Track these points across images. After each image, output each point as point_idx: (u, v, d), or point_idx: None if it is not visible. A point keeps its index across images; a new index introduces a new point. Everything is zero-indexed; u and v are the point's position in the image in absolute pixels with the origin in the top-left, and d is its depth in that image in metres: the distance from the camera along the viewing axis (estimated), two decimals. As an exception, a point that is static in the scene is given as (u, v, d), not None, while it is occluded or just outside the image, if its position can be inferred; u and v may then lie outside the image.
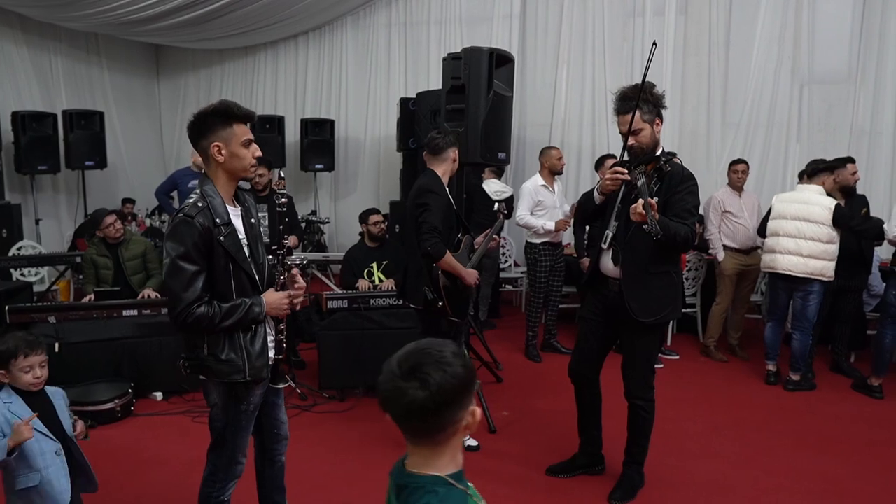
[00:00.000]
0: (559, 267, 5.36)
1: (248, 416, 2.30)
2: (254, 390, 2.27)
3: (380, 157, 8.22)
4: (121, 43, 8.19)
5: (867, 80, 6.50)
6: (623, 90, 2.99)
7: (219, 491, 2.37)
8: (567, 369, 3.36)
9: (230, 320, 2.14)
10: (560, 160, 5.25)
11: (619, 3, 7.15)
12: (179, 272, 2.08)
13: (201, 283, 2.11)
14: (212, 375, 2.22)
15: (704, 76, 6.96)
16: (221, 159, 2.19)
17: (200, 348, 2.20)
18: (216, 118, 2.17)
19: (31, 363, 2.33)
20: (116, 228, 4.83)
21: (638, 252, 2.89)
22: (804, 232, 4.54)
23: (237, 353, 2.19)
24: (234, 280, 2.19)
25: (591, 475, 3.39)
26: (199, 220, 2.10)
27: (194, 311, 2.09)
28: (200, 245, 2.10)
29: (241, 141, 2.19)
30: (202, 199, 2.16)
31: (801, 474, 3.43)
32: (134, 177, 8.36)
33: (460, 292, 3.40)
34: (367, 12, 8.09)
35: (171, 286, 2.11)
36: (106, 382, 4.14)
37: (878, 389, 4.54)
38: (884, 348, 4.54)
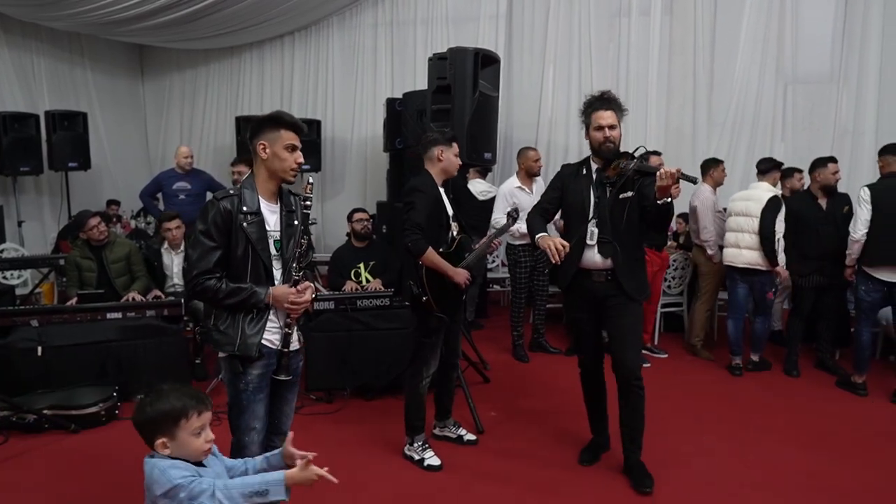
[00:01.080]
0: (541, 267, 5.37)
1: (248, 396, 2.44)
2: (250, 368, 2.42)
3: (366, 157, 8.20)
4: (104, 43, 8.12)
5: (850, 81, 6.57)
6: (601, 93, 3.25)
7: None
8: (566, 367, 3.43)
9: (232, 299, 2.36)
10: (537, 162, 5.25)
11: (604, 4, 7.18)
12: (198, 245, 2.36)
13: (215, 258, 2.35)
14: (211, 344, 2.50)
15: (690, 76, 7.01)
16: (265, 157, 2.41)
17: (210, 318, 2.47)
18: (268, 122, 2.42)
19: (203, 422, 1.86)
20: (100, 230, 4.79)
21: (626, 242, 3.16)
22: (743, 226, 4.90)
23: (234, 329, 2.40)
24: (252, 266, 2.40)
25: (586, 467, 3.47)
26: (224, 204, 2.36)
27: (202, 282, 2.34)
28: (220, 224, 2.35)
29: (284, 144, 2.40)
30: (237, 189, 2.44)
31: (787, 470, 3.46)
32: (119, 178, 8.29)
33: (448, 290, 3.38)
34: (353, 12, 8.07)
35: (189, 255, 2.40)
36: (90, 386, 4.10)
37: (862, 386, 4.58)
38: (862, 346, 4.60)
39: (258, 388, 2.45)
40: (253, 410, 2.46)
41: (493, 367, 5.07)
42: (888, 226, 4.36)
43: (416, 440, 3.53)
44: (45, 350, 4.11)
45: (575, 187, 3.27)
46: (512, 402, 4.42)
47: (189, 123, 8.91)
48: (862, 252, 4.49)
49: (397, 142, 6.49)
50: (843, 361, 5.18)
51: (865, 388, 4.58)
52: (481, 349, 5.12)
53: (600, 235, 3.15)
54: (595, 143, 3.18)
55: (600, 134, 3.15)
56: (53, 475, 3.39)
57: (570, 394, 4.54)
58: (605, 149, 3.15)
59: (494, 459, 3.57)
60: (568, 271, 3.27)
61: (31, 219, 7.21)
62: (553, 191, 3.38)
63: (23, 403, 3.84)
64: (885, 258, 4.42)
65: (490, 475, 3.41)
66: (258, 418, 2.47)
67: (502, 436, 3.89)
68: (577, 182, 3.28)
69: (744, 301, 5.06)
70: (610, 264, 3.17)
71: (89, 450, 3.66)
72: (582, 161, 3.36)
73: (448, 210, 3.48)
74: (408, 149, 6.08)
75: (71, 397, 3.96)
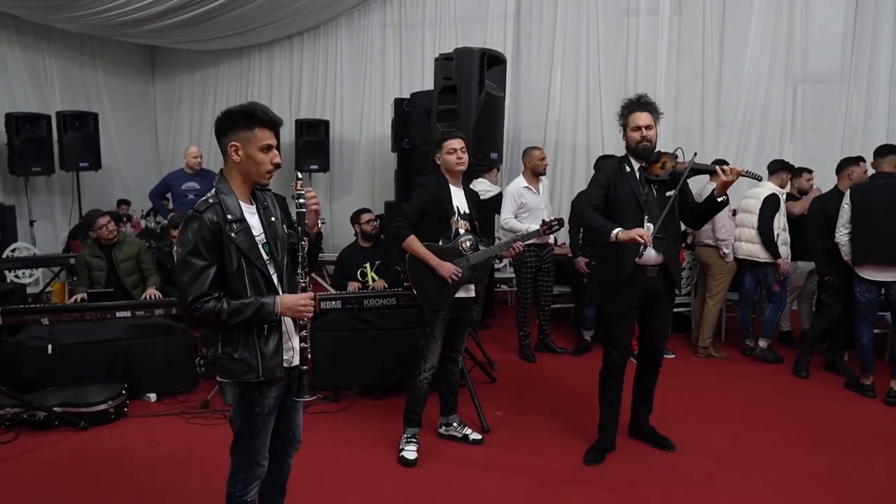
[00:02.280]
0: (546, 267, 5.36)
1: (263, 418, 2.27)
2: (268, 392, 2.24)
3: (374, 157, 8.23)
4: (115, 44, 8.19)
5: (860, 80, 6.53)
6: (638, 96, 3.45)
7: (241, 491, 2.35)
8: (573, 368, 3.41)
9: (239, 318, 2.11)
10: (543, 160, 5.25)
11: (613, 4, 7.16)
12: (188, 267, 2.08)
13: (210, 278, 2.09)
14: (226, 374, 2.22)
15: (699, 76, 6.98)
16: (237, 160, 2.18)
17: (216, 345, 2.21)
18: (239, 119, 2.16)
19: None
20: (109, 230, 4.83)
21: (672, 238, 3.40)
22: (744, 221, 5.30)
23: (251, 353, 2.18)
24: (249, 278, 2.17)
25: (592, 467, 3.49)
26: (208, 216, 2.10)
27: (200, 307, 2.08)
28: (209, 240, 2.09)
29: (259, 145, 2.16)
30: (215, 196, 2.16)
31: (791, 471, 3.44)
32: (129, 178, 8.36)
33: (433, 282, 3.43)
34: (361, 13, 8.10)
35: (180, 281, 2.10)
36: (99, 384, 4.13)
37: (871, 388, 4.55)
38: (863, 346, 4.58)
39: (273, 409, 2.30)
40: (267, 431, 2.32)
41: (500, 366, 5.08)
42: (873, 226, 4.37)
43: (408, 431, 3.61)
44: (55, 348, 4.15)
45: (623, 185, 3.36)
46: (518, 402, 4.42)
47: (199, 124, 8.97)
48: (852, 252, 4.51)
49: (405, 142, 6.52)
50: (851, 363, 5.15)
51: (873, 390, 4.55)
52: (487, 349, 5.12)
53: (655, 232, 3.27)
54: (632, 143, 3.38)
55: (637, 134, 3.35)
56: (63, 472, 3.43)
57: (576, 394, 4.57)
58: (642, 148, 3.35)
59: (500, 459, 3.57)
60: (625, 267, 3.32)
61: (43, 218, 7.28)
62: (600, 188, 3.40)
63: (33, 401, 3.88)
64: (870, 258, 4.42)
65: (495, 473, 3.42)
66: (269, 435, 2.34)
67: (508, 435, 3.89)
68: (623, 179, 3.37)
69: (750, 290, 5.42)
70: (662, 260, 3.37)
71: (98, 447, 3.70)
72: (620, 159, 3.47)
73: (455, 207, 3.52)
74: (416, 149, 6.11)
75: (80, 395, 4.00)
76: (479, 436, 3.78)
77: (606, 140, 7.15)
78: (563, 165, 7.41)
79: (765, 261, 5.17)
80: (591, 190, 3.47)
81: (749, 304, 5.51)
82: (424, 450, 3.60)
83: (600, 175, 3.45)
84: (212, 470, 3.43)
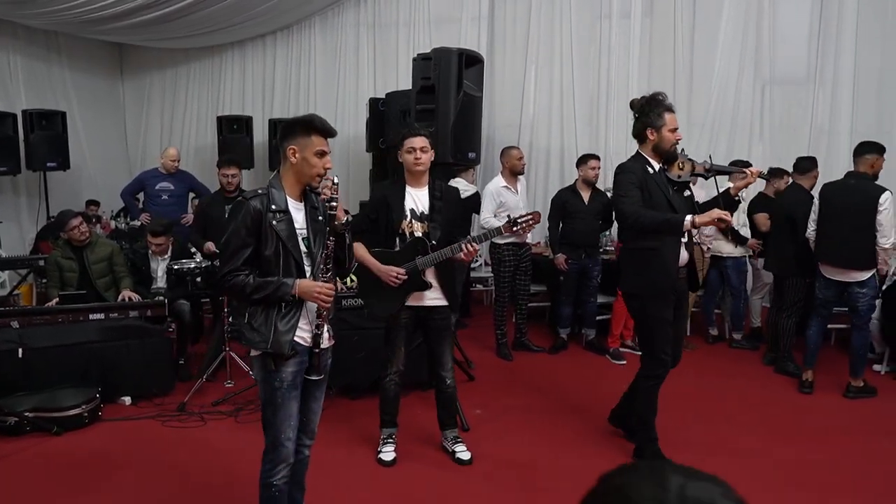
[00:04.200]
0: (524, 266, 5.41)
1: (283, 394, 2.45)
2: (283, 366, 2.43)
3: (349, 157, 8.18)
4: (82, 41, 8.02)
5: (825, 81, 6.68)
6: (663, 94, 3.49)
7: (269, 472, 2.50)
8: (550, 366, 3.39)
9: (260, 293, 2.38)
10: (521, 160, 5.30)
11: (586, 6, 7.23)
12: (228, 244, 2.42)
13: (245, 256, 2.39)
14: (243, 342, 2.50)
15: (670, 77, 7.08)
16: (294, 161, 2.45)
17: (243, 316, 2.49)
18: (300, 126, 2.47)
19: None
20: (82, 231, 4.74)
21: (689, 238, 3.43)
22: None
23: (266, 326, 2.41)
24: (283, 263, 2.43)
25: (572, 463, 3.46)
26: (254, 204, 2.40)
27: (231, 278, 2.39)
28: (250, 224, 2.38)
29: (314, 150, 2.44)
30: (265, 188, 2.48)
31: (762, 461, 3.53)
32: (98, 178, 8.18)
33: (385, 289, 3.31)
34: (335, 12, 8.05)
35: (221, 254, 2.51)
36: (72, 388, 4.06)
37: (807, 384, 4.60)
38: (809, 340, 4.68)
39: (292, 385, 2.47)
40: (288, 408, 2.47)
41: (478, 365, 5.10)
42: (835, 226, 4.43)
43: (383, 432, 3.60)
44: (25, 352, 4.06)
45: (652, 186, 3.31)
46: (497, 401, 4.45)
47: (170, 123, 8.83)
48: (815, 249, 4.62)
49: (380, 142, 6.51)
50: (820, 358, 5.28)
51: (810, 386, 4.61)
52: (465, 348, 5.14)
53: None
54: (668, 144, 3.37)
55: (674, 135, 3.37)
56: (35, 478, 3.36)
57: (555, 392, 4.62)
58: (674, 149, 3.40)
59: (481, 457, 3.58)
60: (672, 272, 3.34)
61: (9, 220, 7.09)
62: (637, 189, 3.29)
63: (3, 406, 3.79)
64: (829, 257, 4.49)
65: (476, 471, 3.44)
66: (293, 415, 2.49)
67: (488, 433, 3.91)
68: (651, 180, 3.32)
69: (715, 285, 5.73)
70: (687, 259, 3.45)
71: (72, 452, 3.63)
72: (639, 159, 3.40)
73: (408, 210, 3.37)
74: (390, 149, 6.10)
75: (53, 399, 3.92)
76: (468, 456, 3.55)
77: (580, 140, 7.22)
78: (537, 165, 7.45)
79: (727, 255, 5.49)
80: (631, 191, 3.29)
81: (713, 299, 5.87)
82: (405, 450, 3.61)
83: (631, 175, 3.32)
84: (189, 473, 3.40)
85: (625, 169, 3.36)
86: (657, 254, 3.27)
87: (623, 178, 3.33)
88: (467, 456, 3.55)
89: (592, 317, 5.62)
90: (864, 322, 4.49)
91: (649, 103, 3.39)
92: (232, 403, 4.27)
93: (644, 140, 3.41)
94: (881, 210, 4.25)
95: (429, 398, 3.82)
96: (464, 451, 3.57)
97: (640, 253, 3.34)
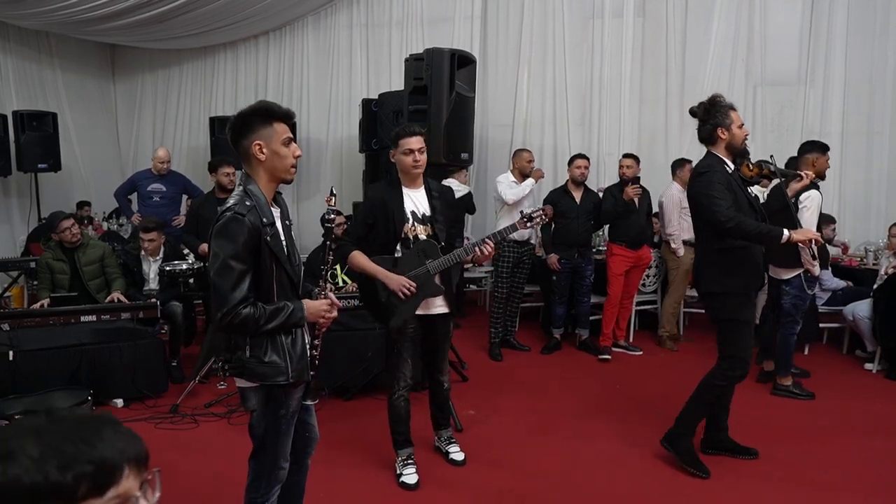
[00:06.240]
0: (524, 263, 5.43)
1: (288, 420, 2.28)
2: (292, 394, 2.26)
3: (342, 158, 8.17)
4: (74, 42, 7.98)
5: (816, 83, 6.72)
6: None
7: (263, 497, 2.32)
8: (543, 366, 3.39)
9: (273, 323, 2.12)
10: (530, 163, 5.38)
11: (578, 5, 7.25)
12: (229, 271, 2.06)
13: (248, 282, 2.09)
14: (254, 378, 2.20)
15: (662, 77, 7.11)
16: (263, 158, 2.18)
17: (242, 350, 2.18)
18: (257, 117, 2.19)
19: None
20: (73, 233, 4.73)
21: None
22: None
23: (280, 356, 2.18)
24: (277, 281, 2.19)
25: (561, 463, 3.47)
26: (250, 219, 2.09)
27: (241, 312, 2.07)
28: (250, 243, 2.09)
29: (281, 139, 2.19)
30: (248, 197, 2.14)
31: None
32: (89, 179, 8.15)
33: (392, 299, 3.14)
34: (328, 13, 8.03)
35: (220, 286, 2.07)
36: (64, 390, 4.04)
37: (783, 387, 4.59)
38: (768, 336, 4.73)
39: (295, 410, 2.31)
40: (290, 433, 2.31)
41: (471, 365, 5.10)
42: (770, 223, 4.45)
43: (400, 454, 3.38)
44: (16, 354, 4.04)
45: (736, 187, 3.27)
46: (490, 401, 4.46)
47: (162, 124, 8.80)
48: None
49: (373, 143, 6.51)
50: (812, 357, 5.31)
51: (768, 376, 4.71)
52: (459, 348, 5.13)
53: None
54: (740, 140, 3.33)
55: (743, 131, 3.33)
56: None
57: (548, 392, 4.64)
58: (745, 145, 3.37)
59: (474, 457, 3.57)
60: (760, 272, 3.37)
61: (0, 221, 7.07)
62: (728, 192, 3.21)
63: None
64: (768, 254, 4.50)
65: (468, 472, 3.44)
66: (291, 437, 2.33)
67: (481, 433, 3.92)
68: (733, 181, 3.28)
69: None
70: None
71: (64, 455, 3.61)
72: (715, 158, 3.32)
73: (409, 213, 3.21)
74: (384, 149, 6.10)
75: (44, 402, 3.90)
76: (461, 456, 3.53)
77: (573, 139, 7.24)
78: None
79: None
80: (725, 193, 3.19)
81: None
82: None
83: (720, 176, 3.22)
84: (183, 475, 3.38)
85: (711, 168, 3.26)
86: (748, 253, 3.26)
87: (712, 179, 3.22)
88: (461, 457, 3.54)
89: (585, 317, 5.64)
90: (787, 320, 4.48)
91: (713, 105, 3.34)
92: (225, 405, 4.26)
93: (715, 141, 3.33)
94: (801, 208, 4.28)
95: (418, 399, 3.82)
96: (457, 452, 3.56)
97: (731, 253, 3.27)
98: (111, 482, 0.85)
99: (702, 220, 3.33)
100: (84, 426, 0.86)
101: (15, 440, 0.83)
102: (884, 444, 3.78)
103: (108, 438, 0.86)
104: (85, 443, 0.84)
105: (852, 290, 5.47)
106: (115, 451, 0.86)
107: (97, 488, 0.83)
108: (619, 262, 5.36)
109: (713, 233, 3.26)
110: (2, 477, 0.81)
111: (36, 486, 0.80)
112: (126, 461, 0.87)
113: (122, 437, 0.88)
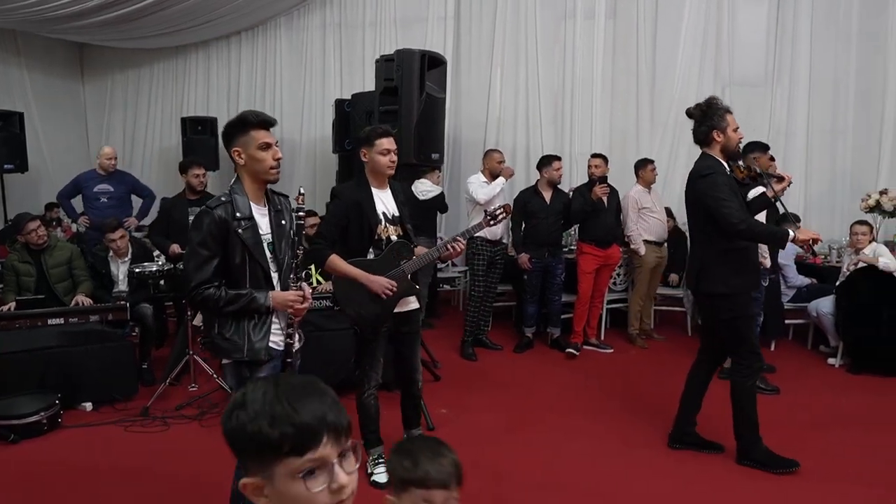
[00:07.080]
0: (496, 263, 5.46)
1: None
2: (258, 372, 2.45)
3: (316, 158, 8.15)
4: (42, 41, 7.86)
5: (782, 83, 6.86)
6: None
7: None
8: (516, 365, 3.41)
9: (233, 306, 2.39)
10: (501, 163, 5.39)
11: (550, 7, 7.31)
12: (195, 255, 2.37)
13: (213, 267, 2.37)
14: (217, 352, 2.51)
15: (633, 77, 7.20)
16: (242, 162, 2.44)
17: (213, 328, 2.47)
18: (235, 127, 2.44)
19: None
20: (39, 235, 4.66)
21: None
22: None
23: (239, 336, 2.43)
24: (250, 271, 2.43)
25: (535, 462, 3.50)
26: (218, 212, 2.37)
27: (202, 292, 2.37)
28: (216, 233, 2.36)
29: (257, 144, 2.41)
30: (228, 195, 2.43)
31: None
32: (58, 181, 7.95)
33: (372, 301, 3.12)
34: (301, 13, 8.01)
35: (186, 267, 2.42)
36: (31, 394, 3.98)
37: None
38: None
39: None
40: None
41: (444, 365, 5.13)
42: None
43: (370, 453, 3.37)
44: (-18, 358, 3.98)
45: (736, 189, 3.32)
46: (462, 400, 4.48)
47: (132, 124, 8.69)
48: None
49: (346, 143, 6.51)
50: (778, 352, 5.42)
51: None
52: (432, 348, 5.16)
53: None
54: (734, 143, 3.37)
55: (737, 134, 3.35)
56: (-8, 486, 3.30)
57: (520, 390, 4.67)
58: (738, 147, 3.42)
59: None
60: (757, 270, 3.45)
61: (-35, 223, 6.95)
62: (734, 193, 3.26)
63: (-42, 414, 3.72)
64: None
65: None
66: None
67: (453, 432, 3.93)
68: (731, 182, 3.32)
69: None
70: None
71: (30, 460, 3.57)
72: (712, 160, 3.36)
73: (380, 214, 3.20)
74: (357, 150, 6.10)
75: (10, 406, 3.84)
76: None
77: (545, 140, 7.30)
78: (503, 165, 7.52)
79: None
80: (732, 197, 3.22)
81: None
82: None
83: (724, 177, 3.25)
84: (153, 478, 3.37)
85: (714, 170, 3.28)
86: (750, 252, 3.36)
87: (717, 181, 3.24)
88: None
89: (557, 315, 5.69)
90: None
91: (710, 107, 3.36)
92: (196, 407, 4.24)
93: (710, 143, 3.37)
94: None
95: (389, 398, 3.83)
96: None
97: (736, 253, 3.31)
98: (309, 446, 0.97)
99: (707, 222, 3.32)
100: (296, 391, 1.00)
101: (252, 393, 1.01)
102: (848, 435, 3.88)
103: (311, 406, 0.99)
104: (292, 406, 0.98)
105: (816, 287, 5.59)
106: (316, 419, 0.98)
107: (296, 449, 0.97)
108: (588, 260, 5.43)
109: (721, 234, 3.27)
110: (235, 421, 1.00)
111: (253, 434, 0.97)
112: (325, 429, 0.99)
113: (325, 407, 1.00)
